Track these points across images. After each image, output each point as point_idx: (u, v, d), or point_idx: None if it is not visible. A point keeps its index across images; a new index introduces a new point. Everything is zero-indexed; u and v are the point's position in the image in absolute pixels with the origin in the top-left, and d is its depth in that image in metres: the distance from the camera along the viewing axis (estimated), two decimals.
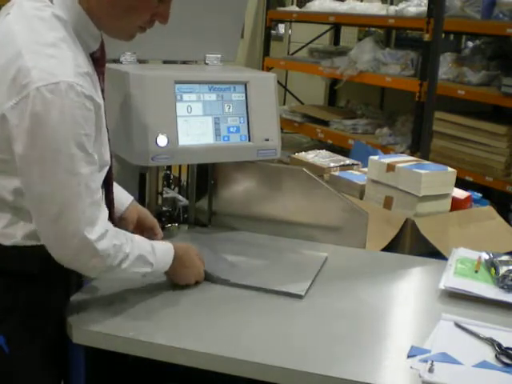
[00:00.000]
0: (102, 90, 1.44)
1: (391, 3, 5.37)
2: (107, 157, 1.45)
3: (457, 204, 2.16)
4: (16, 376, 1.39)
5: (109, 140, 1.47)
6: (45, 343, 1.42)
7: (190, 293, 1.61)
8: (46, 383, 1.45)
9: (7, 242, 1.35)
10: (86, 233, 1.30)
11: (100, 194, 1.36)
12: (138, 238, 1.49)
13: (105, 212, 1.37)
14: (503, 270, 1.70)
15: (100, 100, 1.34)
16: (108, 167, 1.47)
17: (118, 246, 1.37)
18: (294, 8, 5.85)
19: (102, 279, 1.58)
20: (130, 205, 1.71)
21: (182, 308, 1.53)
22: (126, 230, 1.65)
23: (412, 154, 3.80)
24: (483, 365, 1.33)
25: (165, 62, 2.16)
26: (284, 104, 5.82)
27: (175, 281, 1.61)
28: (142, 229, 1.71)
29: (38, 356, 1.41)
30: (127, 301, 1.54)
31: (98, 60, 1.42)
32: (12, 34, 1.27)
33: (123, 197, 1.71)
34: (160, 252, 1.52)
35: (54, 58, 1.24)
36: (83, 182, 1.28)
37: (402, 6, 4.44)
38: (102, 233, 1.33)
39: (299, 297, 1.61)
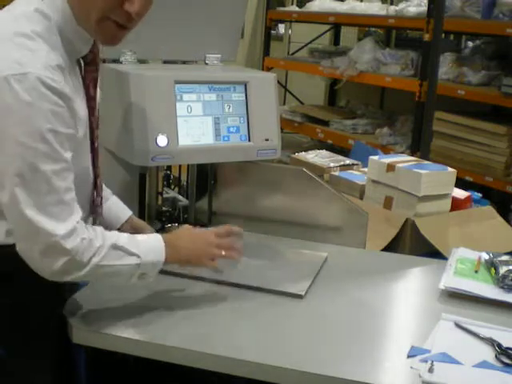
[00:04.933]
0: (93, 98, 1.42)
1: (391, 3, 5.37)
2: (89, 165, 1.43)
3: (457, 204, 2.16)
4: (15, 377, 1.38)
5: (95, 151, 1.44)
6: (41, 344, 1.40)
7: (190, 293, 1.61)
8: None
9: None
10: (50, 230, 1.24)
11: (72, 196, 1.29)
12: (113, 232, 1.41)
13: (79, 214, 1.31)
14: (503, 269, 1.70)
15: (76, 100, 1.31)
16: (91, 178, 1.45)
17: (87, 240, 1.30)
18: (294, 8, 5.86)
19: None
20: (125, 221, 1.67)
21: (182, 308, 1.53)
22: None
23: (412, 153, 3.80)
24: (483, 365, 1.33)
25: (165, 62, 2.16)
26: (284, 104, 5.82)
27: (193, 265, 1.52)
28: None
29: (35, 357, 1.39)
30: (127, 301, 1.54)
31: (89, 65, 1.41)
32: None
33: (120, 211, 1.69)
34: (143, 241, 1.42)
35: (26, 50, 1.23)
36: (45, 178, 1.23)
37: (402, 5, 4.45)
38: (70, 230, 1.27)
39: (299, 297, 1.61)
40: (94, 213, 1.50)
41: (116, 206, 1.68)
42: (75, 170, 1.32)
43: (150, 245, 1.42)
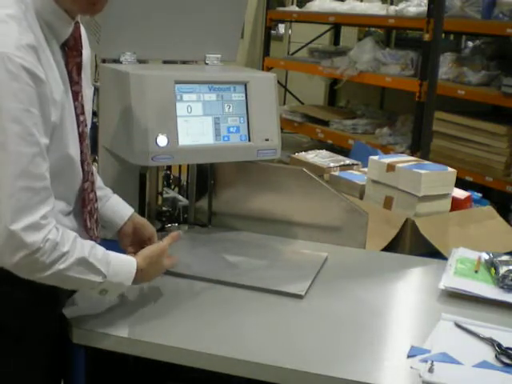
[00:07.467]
0: (76, 83, 1.39)
1: (391, 3, 5.38)
2: (73, 151, 1.37)
3: (457, 204, 2.16)
4: (12, 378, 1.38)
5: (81, 137, 1.41)
6: (37, 344, 1.40)
7: (191, 293, 1.61)
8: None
9: None
10: (10, 219, 1.17)
11: (44, 185, 1.23)
12: (89, 242, 1.35)
13: (48, 207, 1.24)
14: (503, 269, 1.70)
15: (51, 83, 1.27)
16: (78, 166, 1.41)
17: (52, 242, 1.23)
18: (294, 8, 5.86)
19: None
20: (128, 219, 1.64)
21: (183, 308, 1.53)
22: (122, 243, 1.62)
23: (412, 153, 3.81)
24: (483, 365, 1.33)
25: (165, 62, 2.16)
26: (284, 104, 5.82)
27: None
28: (139, 239, 1.64)
29: (30, 357, 1.39)
30: (127, 301, 1.53)
31: (72, 50, 1.38)
32: None
33: (122, 210, 1.65)
34: (117, 263, 1.37)
35: None
36: (15, 160, 1.18)
37: (402, 5, 4.45)
38: (32, 223, 1.20)
39: (299, 297, 1.61)
40: (83, 200, 1.46)
41: (117, 205, 1.66)
42: (56, 157, 1.29)
43: (121, 269, 1.39)
